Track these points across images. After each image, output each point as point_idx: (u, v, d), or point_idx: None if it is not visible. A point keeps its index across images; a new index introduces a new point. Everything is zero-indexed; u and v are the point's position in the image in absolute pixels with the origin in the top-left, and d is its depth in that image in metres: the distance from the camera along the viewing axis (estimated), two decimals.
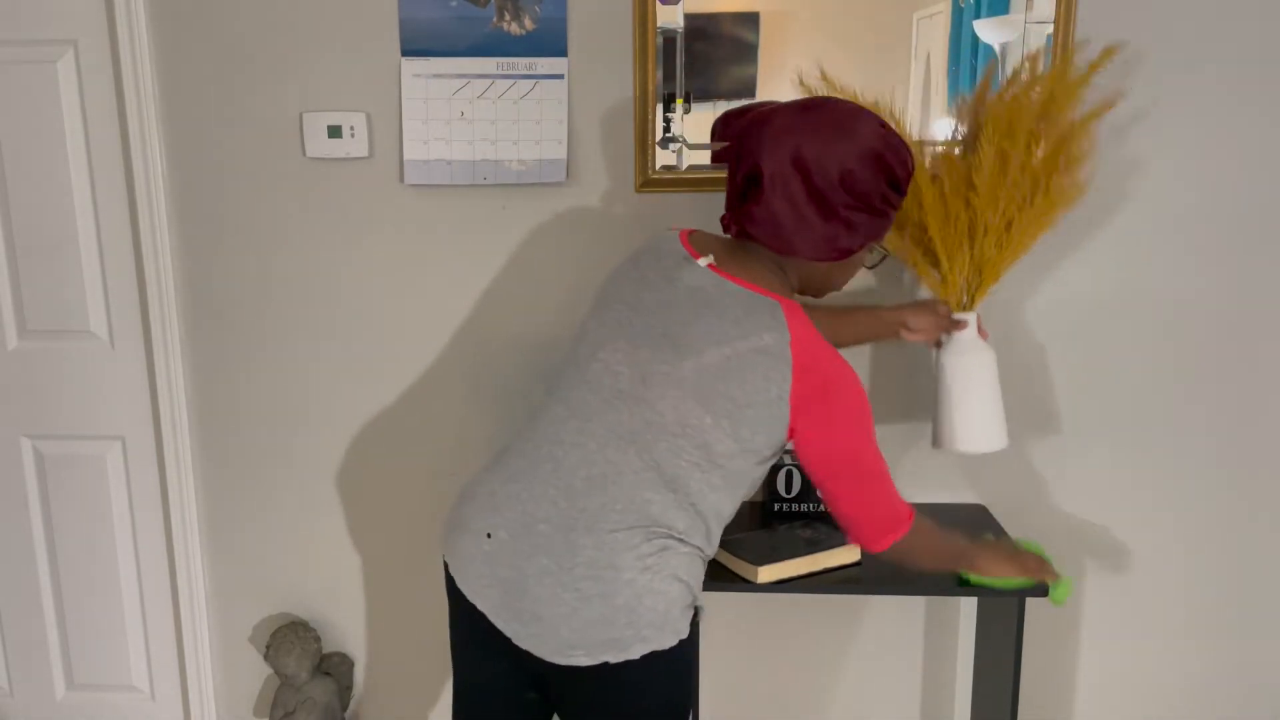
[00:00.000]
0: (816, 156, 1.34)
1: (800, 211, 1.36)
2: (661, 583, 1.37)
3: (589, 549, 1.36)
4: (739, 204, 1.41)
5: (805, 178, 1.35)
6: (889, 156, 1.37)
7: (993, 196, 1.76)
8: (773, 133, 1.36)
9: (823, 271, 1.46)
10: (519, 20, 1.97)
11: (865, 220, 1.39)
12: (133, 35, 2.01)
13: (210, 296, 2.14)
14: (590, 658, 1.36)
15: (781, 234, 1.38)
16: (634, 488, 1.38)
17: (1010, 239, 1.79)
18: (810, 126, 1.36)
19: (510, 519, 1.42)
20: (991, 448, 1.82)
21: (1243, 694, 2.18)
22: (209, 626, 2.29)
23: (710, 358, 1.36)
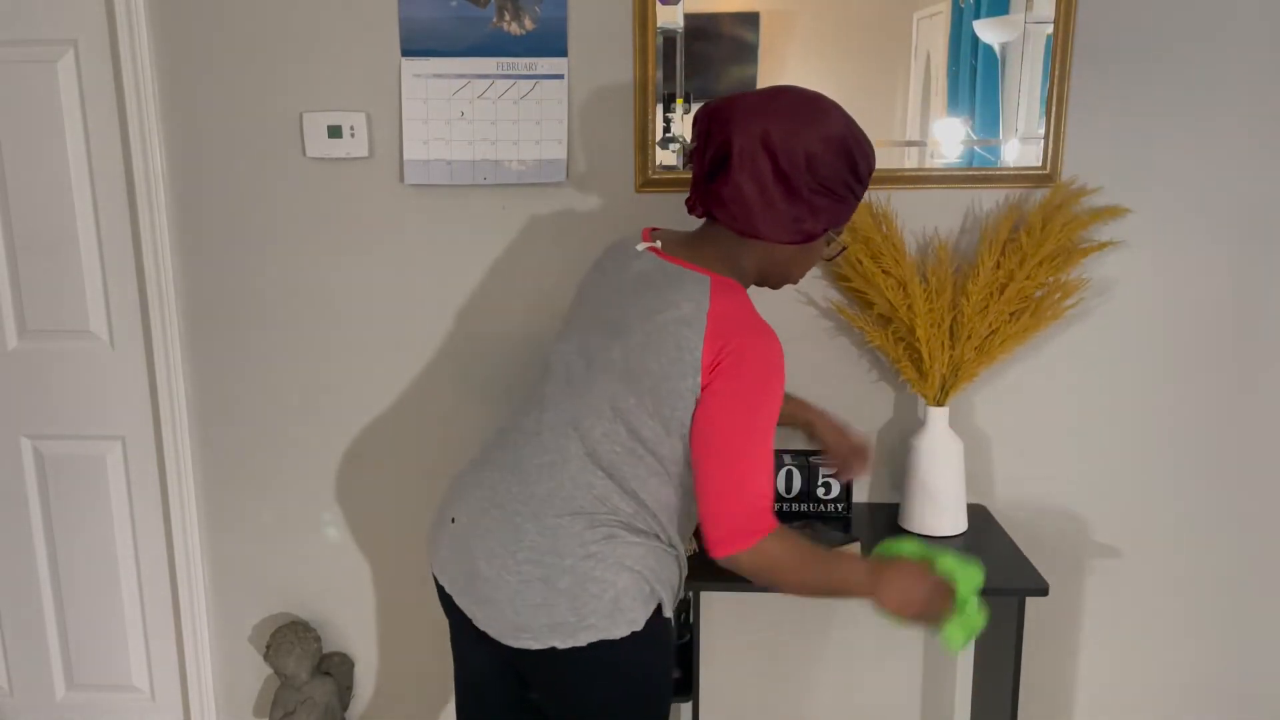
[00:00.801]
0: (784, 138, 1.36)
1: (766, 191, 1.38)
2: (607, 571, 1.38)
3: (533, 534, 1.40)
4: (707, 183, 1.42)
5: (773, 158, 1.36)
6: (853, 145, 1.39)
7: (983, 307, 1.88)
8: (743, 113, 1.38)
9: (783, 258, 1.46)
10: (519, 20, 1.97)
11: (828, 205, 1.40)
12: (133, 35, 2.01)
13: (210, 296, 2.14)
14: (537, 641, 1.39)
15: (747, 213, 1.39)
16: (578, 473, 1.41)
17: (990, 345, 1.90)
18: (779, 110, 1.37)
19: (470, 504, 1.47)
20: (955, 531, 1.95)
21: (1243, 694, 2.18)
22: (209, 626, 2.29)
23: (635, 336, 1.38)
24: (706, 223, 1.48)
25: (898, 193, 2.00)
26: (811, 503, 2.02)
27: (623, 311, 1.42)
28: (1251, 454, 2.07)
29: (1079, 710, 2.21)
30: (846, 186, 1.40)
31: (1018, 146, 1.96)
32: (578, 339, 1.48)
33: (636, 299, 1.42)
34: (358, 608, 2.27)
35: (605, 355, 1.41)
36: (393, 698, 2.31)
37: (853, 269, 1.94)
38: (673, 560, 1.46)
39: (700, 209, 1.45)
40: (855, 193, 1.42)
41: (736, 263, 1.45)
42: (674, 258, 1.44)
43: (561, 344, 1.51)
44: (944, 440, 1.93)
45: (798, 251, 1.46)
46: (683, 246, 1.47)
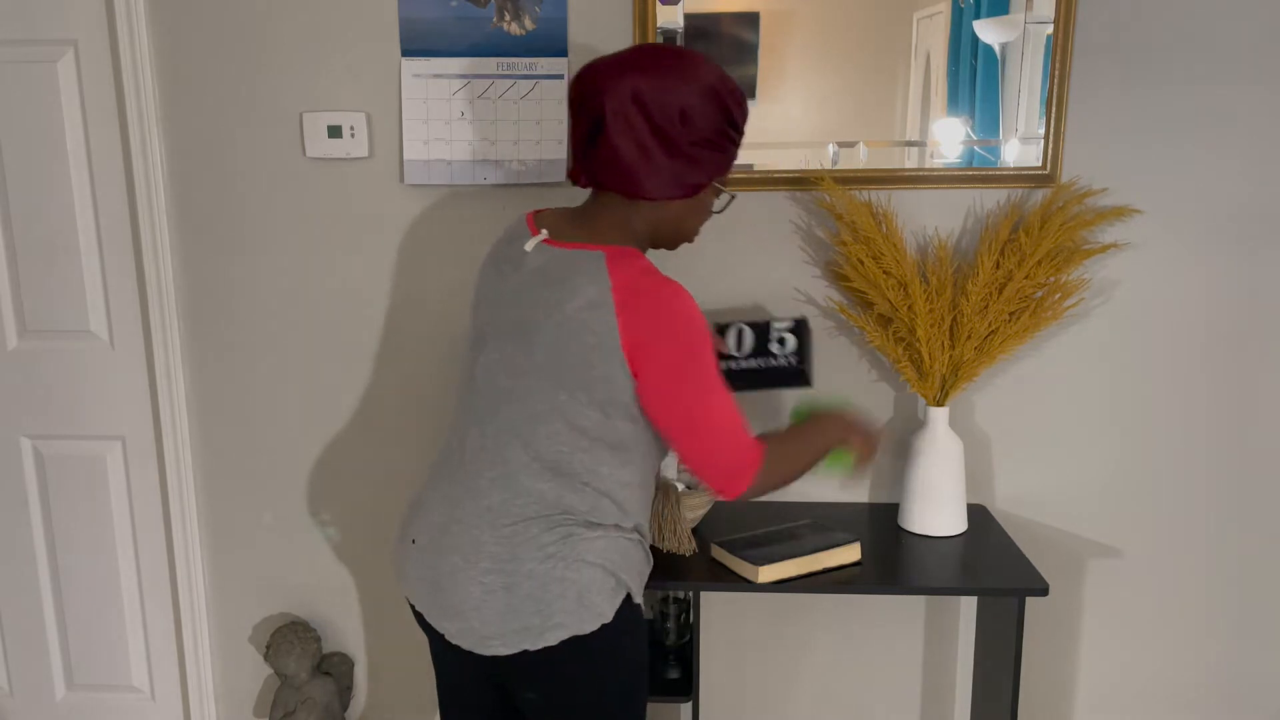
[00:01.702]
0: (655, 93, 1.36)
1: (645, 148, 1.38)
2: (567, 570, 1.39)
3: (490, 544, 1.41)
4: (586, 149, 1.42)
5: (646, 115, 1.37)
6: (725, 94, 1.40)
7: (982, 306, 1.88)
8: (611, 75, 1.38)
9: (673, 215, 1.46)
10: (519, 20, 1.97)
11: (708, 155, 1.41)
12: (133, 35, 2.01)
13: (210, 296, 2.14)
14: (508, 647, 1.41)
15: (628, 173, 1.39)
16: (527, 480, 1.41)
17: (990, 345, 1.90)
18: (647, 67, 1.38)
19: (429, 523, 1.48)
20: (955, 531, 1.95)
21: (1243, 694, 2.18)
22: (209, 626, 2.29)
23: (549, 333, 1.38)
24: (593, 193, 1.48)
25: (898, 193, 2.00)
26: (764, 358, 1.92)
27: (531, 311, 1.41)
28: (1252, 454, 2.07)
29: (1079, 710, 2.21)
30: (724, 136, 1.42)
31: (1018, 146, 1.96)
32: (495, 348, 1.46)
33: (540, 295, 1.40)
34: (358, 608, 2.27)
35: (528, 359, 1.40)
36: (393, 698, 2.31)
37: (853, 269, 1.94)
38: (635, 545, 1.47)
39: (584, 178, 1.46)
40: (734, 140, 1.44)
41: (629, 227, 1.45)
42: (565, 242, 1.44)
43: (480, 355, 1.49)
44: (944, 440, 1.93)
45: (685, 206, 1.46)
46: (573, 225, 1.46)
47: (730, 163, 1.47)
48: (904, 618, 2.19)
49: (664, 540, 1.84)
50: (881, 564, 1.82)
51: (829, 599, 2.18)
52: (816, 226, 2.03)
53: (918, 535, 1.95)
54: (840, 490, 2.13)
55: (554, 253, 1.43)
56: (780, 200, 2.02)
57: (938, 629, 2.19)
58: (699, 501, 1.90)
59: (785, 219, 2.03)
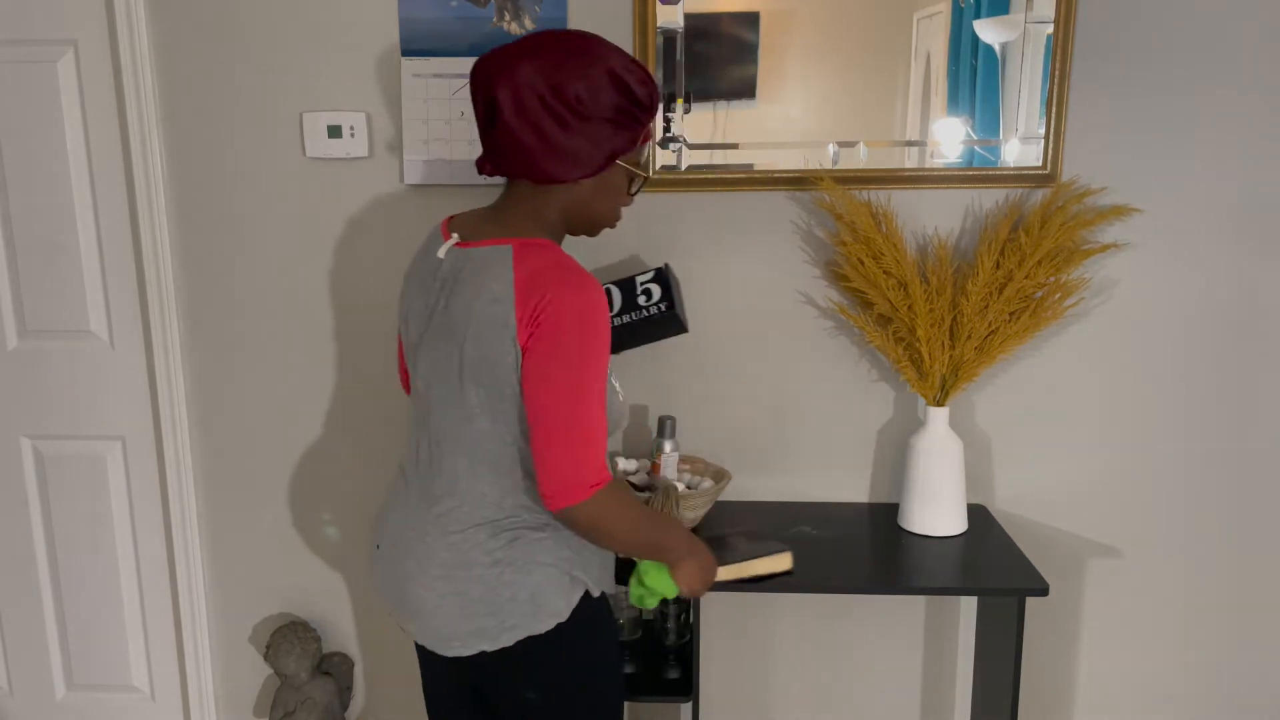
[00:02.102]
0: (546, 74, 1.36)
1: (540, 128, 1.36)
2: (516, 573, 1.41)
3: (442, 551, 1.43)
4: (485, 137, 1.42)
5: (539, 97, 1.36)
6: (622, 73, 1.38)
7: (982, 306, 1.88)
8: (505, 63, 1.38)
9: (583, 198, 1.44)
10: (519, 20, 1.97)
11: (608, 132, 1.39)
12: (133, 35, 2.01)
13: (210, 296, 2.14)
14: (467, 648, 1.43)
15: (528, 156, 1.38)
16: (469, 484, 1.42)
17: (990, 345, 1.91)
18: (540, 53, 1.37)
19: (390, 531, 1.52)
20: (955, 531, 1.95)
21: (1243, 694, 2.18)
22: (209, 626, 2.29)
23: (465, 332, 1.37)
24: (506, 187, 1.47)
25: (898, 193, 2.00)
26: (634, 312, 1.90)
27: (448, 315, 1.40)
28: (1252, 454, 2.07)
29: (1079, 710, 2.21)
30: (624, 113, 1.40)
31: (1018, 146, 1.96)
32: (424, 357, 1.46)
33: (453, 297, 1.40)
34: (358, 608, 2.27)
35: (451, 362, 1.40)
36: (393, 698, 2.31)
37: (853, 269, 1.94)
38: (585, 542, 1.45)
39: (488, 166, 1.45)
40: (637, 118, 1.42)
41: (541, 216, 1.44)
42: (477, 241, 1.42)
43: (415, 368, 1.49)
44: (944, 440, 1.93)
45: (594, 187, 1.44)
46: (485, 223, 1.45)
47: (634, 141, 1.44)
48: (904, 618, 2.19)
49: None
50: (881, 564, 1.82)
51: (829, 599, 2.18)
52: (816, 226, 2.03)
53: (918, 535, 1.95)
54: (841, 490, 2.13)
55: (466, 254, 1.42)
56: (780, 200, 2.02)
57: (938, 629, 2.19)
58: (699, 502, 1.90)
59: (785, 219, 2.03)
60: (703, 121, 1.98)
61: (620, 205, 1.50)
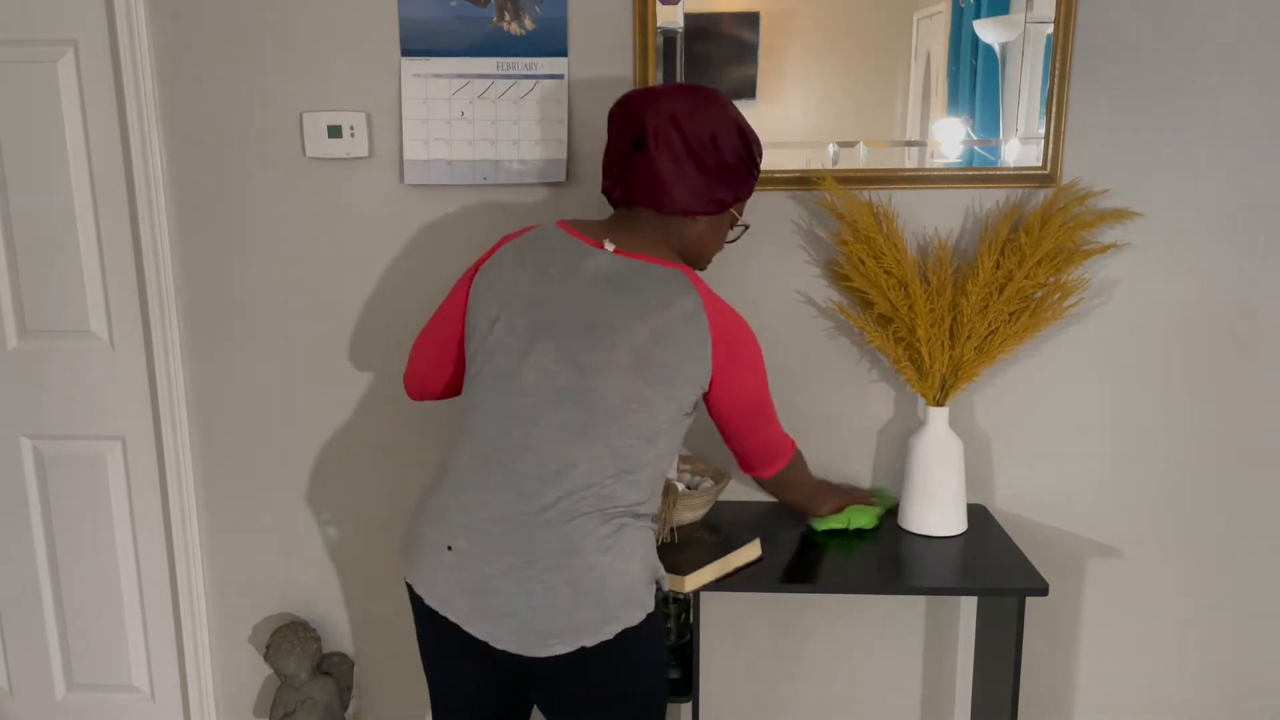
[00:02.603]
0: (689, 117, 1.54)
1: (679, 163, 1.54)
2: (623, 561, 1.45)
3: (548, 541, 1.43)
4: (624, 164, 1.57)
5: (682, 135, 1.53)
6: (745, 128, 1.59)
7: (982, 306, 1.89)
8: (652, 100, 1.56)
9: (697, 234, 1.60)
10: (519, 20, 1.97)
11: (732, 179, 1.58)
12: (133, 35, 2.01)
13: (210, 296, 2.14)
14: (566, 645, 1.42)
15: (664, 186, 1.54)
16: (589, 475, 1.45)
17: (990, 345, 1.91)
18: (682, 96, 1.57)
19: (467, 528, 1.46)
20: (955, 531, 1.96)
21: (1242, 694, 2.18)
22: (209, 626, 2.29)
23: (640, 334, 1.46)
24: (621, 211, 1.61)
25: (898, 193, 2.00)
26: None
27: (607, 312, 1.48)
28: (1252, 454, 2.07)
29: (1079, 710, 2.21)
30: (744, 163, 1.59)
31: (1018, 146, 1.96)
32: (552, 347, 1.47)
33: (619, 299, 1.49)
34: (358, 608, 2.27)
35: (605, 356, 1.45)
36: (393, 698, 2.31)
37: (853, 269, 1.94)
38: (655, 536, 1.56)
39: (619, 190, 1.59)
40: (752, 171, 1.61)
41: (669, 244, 1.60)
42: (633, 254, 1.54)
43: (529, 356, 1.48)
44: (944, 440, 1.93)
45: (708, 226, 1.61)
46: (627, 238, 1.58)
47: (748, 191, 1.62)
48: (904, 618, 2.19)
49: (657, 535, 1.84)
50: (881, 564, 1.82)
51: (829, 599, 2.18)
52: (817, 226, 2.03)
53: (918, 535, 1.95)
54: None
55: (627, 262, 1.52)
56: (781, 200, 2.02)
57: (938, 629, 2.19)
58: (699, 502, 1.91)
59: (785, 219, 2.03)
60: None
61: (718, 249, 1.68)
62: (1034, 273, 1.88)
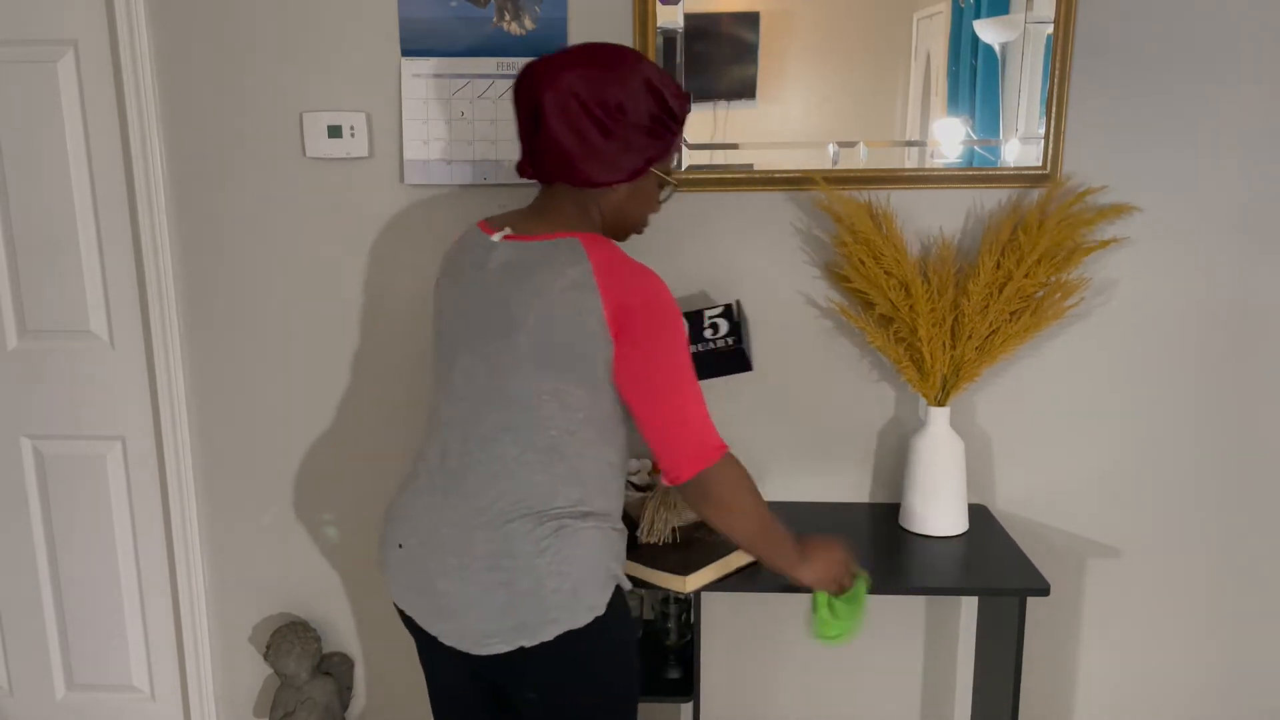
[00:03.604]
0: (589, 84, 1.44)
1: (583, 135, 1.44)
2: (563, 564, 1.41)
3: (485, 542, 1.42)
4: (530, 142, 1.49)
5: (583, 105, 1.44)
6: (659, 85, 1.47)
7: (983, 306, 1.88)
8: (549, 71, 1.45)
9: (617, 203, 1.52)
10: (519, 20, 1.97)
11: (644, 141, 1.48)
12: (133, 35, 2.01)
13: (210, 296, 2.14)
14: (505, 644, 1.42)
15: (570, 160, 1.45)
16: (520, 475, 1.43)
17: (991, 345, 1.90)
18: (583, 63, 1.46)
19: (417, 527, 1.49)
20: (956, 531, 1.95)
21: (1243, 693, 2.18)
22: (209, 626, 2.29)
23: (532, 319, 1.40)
24: (543, 190, 1.54)
25: (898, 193, 2.00)
26: (699, 344, 1.90)
27: (505, 305, 1.43)
28: (1252, 453, 2.07)
29: (1079, 710, 2.21)
30: (659, 122, 1.48)
31: (1018, 146, 1.96)
32: (471, 350, 1.47)
33: (514, 287, 1.43)
34: (358, 608, 2.27)
35: (512, 351, 1.42)
36: (393, 697, 2.31)
37: (854, 269, 1.94)
38: (620, 536, 1.50)
39: (529, 169, 1.52)
40: (670, 128, 1.50)
41: (586, 218, 1.51)
42: (531, 235, 1.47)
43: (455, 358, 1.50)
44: (945, 440, 1.93)
45: (628, 193, 1.52)
46: (531, 221, 1.51)
47: (667, 151, 1.52)
48: (904, 618, 2.19)
49: (650, 534, 1.84)
50: (882, 564, 1.82)
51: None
52: (816, 227, 2.03)
53: (918, 535, 1.95)
54: (842, 490, 2.13)
55: (524, 245, 1.46)
56: (780, 200, 2.02)
57: (938, 629, 2.19)
58: None
59: (785, 219, 2.03)
60: (703, 121, 1.98)
61: (649, 211, 1.58)
62: (1034, 271, 1.88)
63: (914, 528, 1.95)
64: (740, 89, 1.97)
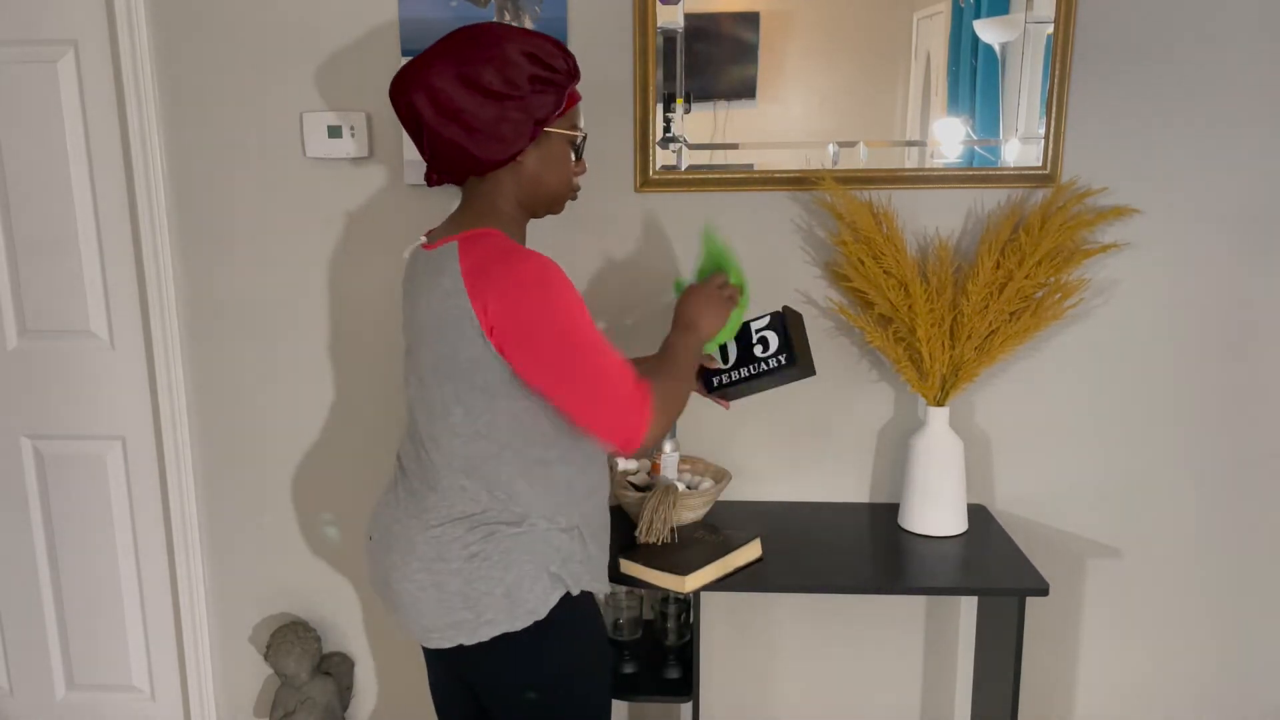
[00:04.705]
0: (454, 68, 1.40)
1: (462, 120, 1.40)
2: (493, 569, 1.42)
3: (421, 544, 1.46)
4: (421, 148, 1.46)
5: (449, 93, 1.40)
6: (526, 47, 1.41)
7: (982, 306, 1.88)
8: (412, 74, 1.42)
9: (530, 174, 1.47)
10: (519, 20, 1.97)
11: (527, 104, 1.42)
12: (133, 35, 2.01)
13: (210, 296, 2.14)
14: (445, 640, 1.45)
15: (461, 149, 1.42)
16: (448, 479, 1.46)
17: (991, 345, 1.91)
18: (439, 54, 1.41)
19: (379, 524, 1.55)
20: (956, 531, 1.95)
21: (1242, 693, 2.18)
22: (209, 626, 2.29)
23: (425, 332, 1.42)
24: (463, 189, 1.51)
25: (898, 193, 2.00)
26: (750, 365, 1.80)
27: (414, 317, 1.45)
28: (1252, 454, 2.07)
29: (1079, 710, 2.21)
30: (540, 80, 1.42)
31: (1018, 146, 1.96)
32: (408, 360, 1.52)
33: (414, 299, 1.45)
34: (358, 608, 2.27)
35: (422, 362, 1.45)
36: (393, 698, 2.31)
37: (853, 269, 1.94)
38: (568, 537, 1.47)
39: (434, 176, 1.50)
40: (554, 81, 1.44)
41: (495, 209, 1.47)
42: (435, 242, 1.46)
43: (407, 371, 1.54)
44: (944, 440, 1.93)
45: (539, 162, 1.47)
46: (445, 226, 1.50)
47: (557, 105, 1.45)
48: (904, 618, 2.19)
49: (649, 534, 1.84)
50: (882, 564, 1.82)
51: (829, 599, 2.18)
52: (817, 226, 2.03)
53: (918, 535, 1.95)
54: (842, 490, 2.13)
55: (424, 255, 1.46)
56: (780, 200, 2.02)
57: (938, 629, 2.19)
58: (699, 502, 1.91)
59: (785, 219, 2.03)
60: (703, 121, 1.98)
61: (572, 174, 1.52)
62: (1034, 272, 1.88)
63: (914, 528, 1.95)
64: (740, 89, 1.97)
